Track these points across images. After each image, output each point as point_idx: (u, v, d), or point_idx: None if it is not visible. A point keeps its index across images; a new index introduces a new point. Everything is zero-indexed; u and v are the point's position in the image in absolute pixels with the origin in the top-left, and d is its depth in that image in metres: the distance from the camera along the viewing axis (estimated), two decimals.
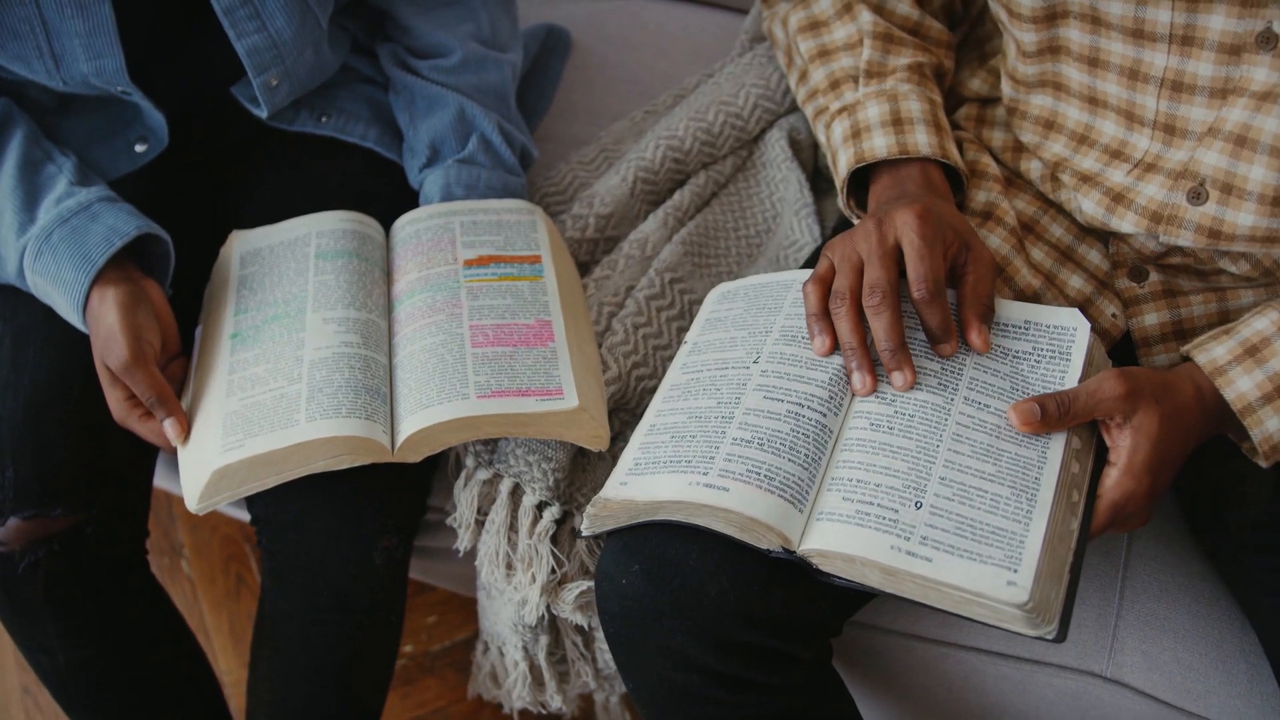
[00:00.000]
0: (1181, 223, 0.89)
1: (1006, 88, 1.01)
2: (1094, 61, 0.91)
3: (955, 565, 0.75)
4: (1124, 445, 0.79)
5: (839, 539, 0.77)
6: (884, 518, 0.77)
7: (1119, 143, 0.93)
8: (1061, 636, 0.73)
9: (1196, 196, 0.88)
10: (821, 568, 0.78)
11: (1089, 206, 0.95)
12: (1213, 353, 0.82)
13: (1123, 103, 0.91)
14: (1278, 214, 0.86)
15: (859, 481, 0.80)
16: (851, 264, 0.86)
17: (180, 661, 1.13)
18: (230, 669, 1.53)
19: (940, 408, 0.82)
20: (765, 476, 0.81)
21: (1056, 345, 0.85)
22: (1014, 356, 0.85)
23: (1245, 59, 0.83)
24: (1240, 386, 0.80)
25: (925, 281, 0.83)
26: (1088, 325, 0.85)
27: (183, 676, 1.13)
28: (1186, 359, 0.84)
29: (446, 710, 1.47)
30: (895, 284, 0.84)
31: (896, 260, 0.85)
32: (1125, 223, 0.92)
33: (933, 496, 0.78)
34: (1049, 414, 0.78)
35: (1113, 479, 0.79)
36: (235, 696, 1.47)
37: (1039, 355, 0.85)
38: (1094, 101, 0.93)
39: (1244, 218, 0.87)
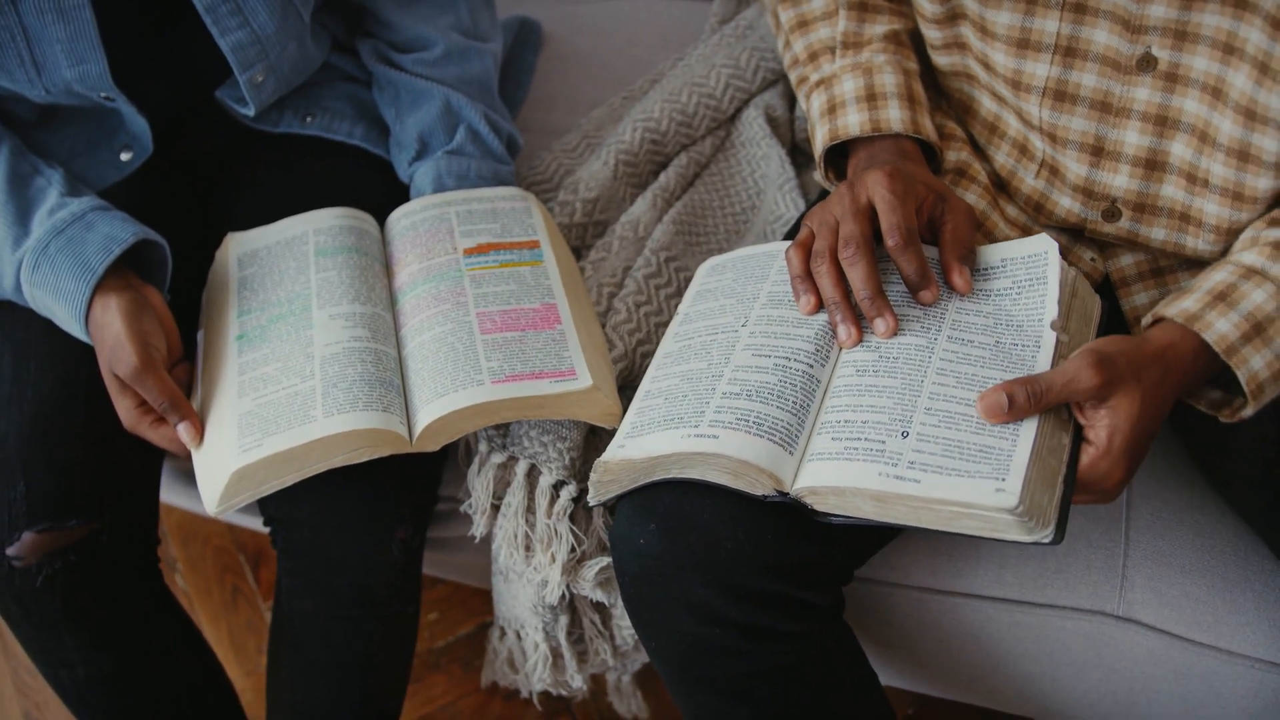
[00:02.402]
0: (1100, 234, 0.96)
1: (936, 75, 1.04)
2: (986, 65, 0.95)
3: (944, 482, 0.76)
4: (1102, 426, 0.79)
5: (828, 474, 0.80)
6: (871, 449, 0.79)
7: (1023, 137, 0.97)
8: (1058, 539, 0.75)
9: (1111, 215, 0.95)
10: (815, 506, 0.81)
11: (1021, 203, 1.00)
12: (1183, 304, 0.83)
13: (1014, 105, 0.95)
14: (1184, 229, 0.92)
15: (846, 422, 0.82)
16: (829, 226, 0.89)
17: (197, 667, 1.13)
18: (234, 678, 1.51)
19: (924, 348, 0.85)
20: (754, 423, 0.83)
21: (1032, 272, 0.87)
22: (995, 295, 0.88)
23: (1125, 77, 0.88)
24: (1220, 328, 0.81)
25: (898, 230, 0.86)
26: (1056, 245, 0.87)
27: (200, 682, 1.13)
28: (1157, 321, 0.85)
29: (455, 705, 1.47)
30: (869, 236, 0.87)
31: (870, 217, 0.88)
32: (1052, 223, 0.99)
33: (918, 425, 0.80)
34: (1017, 404, 0.78)
35: (1089, 458, 0.79)
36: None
37: (1018, 288, 0.87)
38: (998, 97, 0.98)
39: (1156, 232, 0.94)
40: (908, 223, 0.86)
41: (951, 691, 1.17)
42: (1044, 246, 0.88)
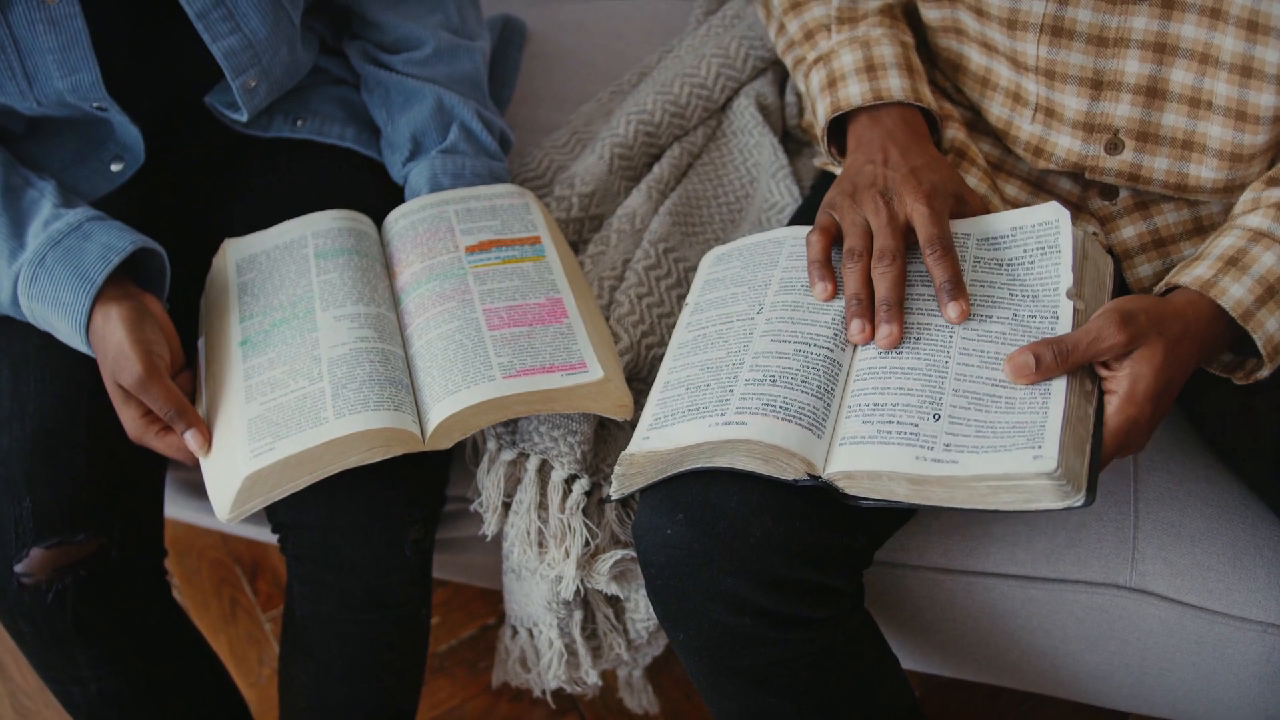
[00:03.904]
0: (1102, 172, 0.97)
1: (925, 33, 1.05)
2: (979, 11, 0.96)
3: (981, 460, 0.77)
4: (1124, 375, 0.80)
5: (864, 458, 0.80)
6: (905, 433, 0.80)
7: (1016, 85, 0.98)
8: (1090, 500, 0.76)
9: (1114, 147, 0.95)
10: (848, 490, 0.81)
11: (1020, 150, 1.01)
12: (1196, 272, 0.85)
13: (1008, 49, 0.96)
14: (1188, 157, 0.93)
15: (876, 405, 0.83)
16: (860, 229, 0.90)
17: (207, 678, 1.12)
18: None
19: (944, 327, 0.86)
20: (781, 408, 0.83)
21: (1044, 241, 0.88)
22: (1008, 265, 0.88)
23: (1121, 7, 0.89)
24: (1235, 293, 0.83)
25: (938, 241, 0.87)
26: (1068, 214, 0.88)
27: (211, 693, 1.12)
28: (1172, 289, 0.86)
29: (462, 708, 1.47)
30: (904, 252, 0.89)
31: (906, 234, 0.90)
32: (1051, 165, 0.99)
33: (949, 407, 0.81)
34: (1045, 364, 0.79)
35: (1114, 406, 0.81)
36: None
37: (1030, 257, 0.88)
38: (988, 46, 0.99)
39: (1159, 162, 0.94)
40: (944, 235, 0.88)
41: (964, 671, 1.17)
42: (1055, 215, 0.89)
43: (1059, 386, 0.79)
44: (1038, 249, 0.88)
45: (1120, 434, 0.80)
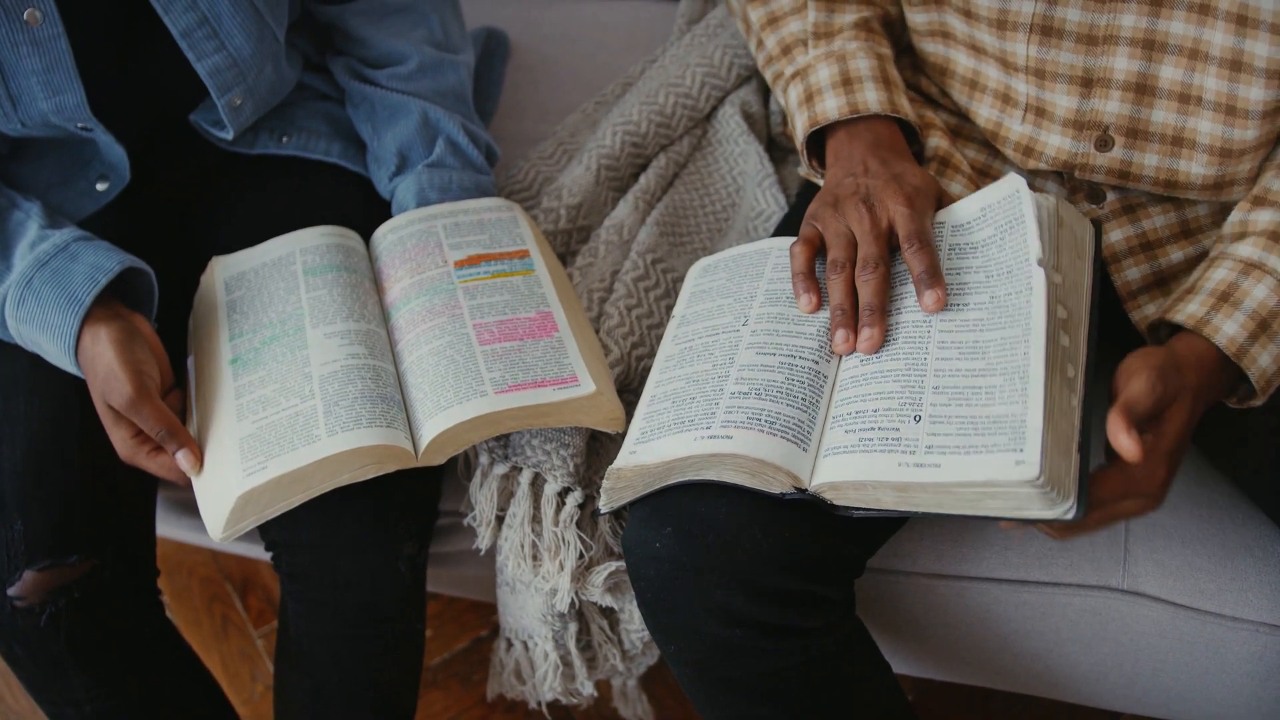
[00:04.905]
0: (1092, 170, 0.97)
1: (911, 38, 1.05)
2: (968, 13, 0.96)
3: (963, 463, 0.75)
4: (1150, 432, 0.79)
5: (847, 468, 0.80)
6: (886, 438, 0.79)
7: (1005, 86, 0.99)
8: (1081, 513, 0.73)
9: (1103, 144, 0.95)
10: (834, 501, 0.81)
11: (1010, 150, 1.01)
12: (1188, 310, 0.85)
13: (997, 50, 0.97)
14: (1178, 153, 0.94)
15: (857, 413, 0.82)
16: (844, 239, 0.90)
17: (202, 697, 1.12)
18: None
19: (922, 323, 0.85)
20: (766, 421, 0.83)
21: (1010, 214, 0.87)
22: (981, 246, 0.88)
23: (1110, 5, 0.89)
24: (1228, 331, 0.83)
25: (915, 236, 0.88)
26: (1024, 181, 0.87)
27: (206, 713, 1.12)
28: (1164, 325, 0.87)
29: None
30: (887, 258, 0.89)
31: (888, 240, 0.90)
32: (1041, 164, 0.99)
33: (929, 407, 0.80)
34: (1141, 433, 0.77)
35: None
36: None
37: (1001, 234, 0.87)
38: (976, 49, 0.99)
39: (1149, 159, 0.95)
40: (924, 230, 0.88)
41: (958, 674, 1.18)
42: (1014, 186, 0.88)
43: (1037, 369, 0.76)
44: (1006, 224, 0.87)
45: (1137, 486, 0.78)
